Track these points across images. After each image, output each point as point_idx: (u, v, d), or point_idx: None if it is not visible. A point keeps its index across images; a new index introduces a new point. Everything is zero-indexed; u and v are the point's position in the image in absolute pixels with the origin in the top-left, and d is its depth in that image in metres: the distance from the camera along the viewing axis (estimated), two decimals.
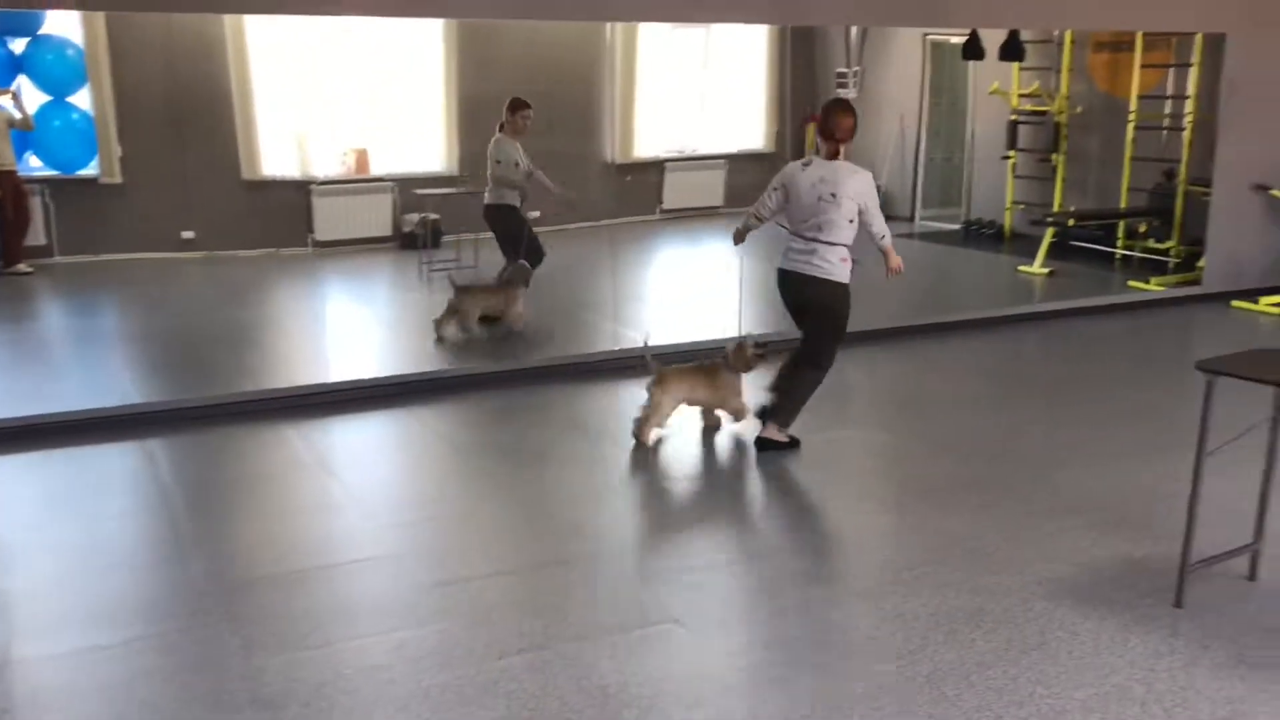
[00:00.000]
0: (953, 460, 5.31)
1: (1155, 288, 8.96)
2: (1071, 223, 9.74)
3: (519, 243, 7.69)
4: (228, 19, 9.82)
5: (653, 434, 5.41)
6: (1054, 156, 10.65)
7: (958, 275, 10.41)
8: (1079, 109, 10.58)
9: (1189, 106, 9.49)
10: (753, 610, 3.93)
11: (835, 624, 3.74)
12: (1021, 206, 11.03)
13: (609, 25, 10.69)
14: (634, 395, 5.69)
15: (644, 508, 4.92)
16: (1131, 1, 8.19)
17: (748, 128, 12.98)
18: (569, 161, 10.08)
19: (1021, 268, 9.77)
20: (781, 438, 5.36)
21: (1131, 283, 9.11)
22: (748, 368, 5.50)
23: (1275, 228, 9.03)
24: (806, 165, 5.12)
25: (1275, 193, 8.78)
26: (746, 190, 9.82)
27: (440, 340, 7.30)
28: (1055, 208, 10.53)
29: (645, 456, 5.34)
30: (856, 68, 12.39)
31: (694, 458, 5.44)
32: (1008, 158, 10.92)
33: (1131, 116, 9.83)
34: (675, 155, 12.46)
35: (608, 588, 4.01)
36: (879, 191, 5.42)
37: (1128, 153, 9.90)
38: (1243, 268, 8.92)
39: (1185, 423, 4.10)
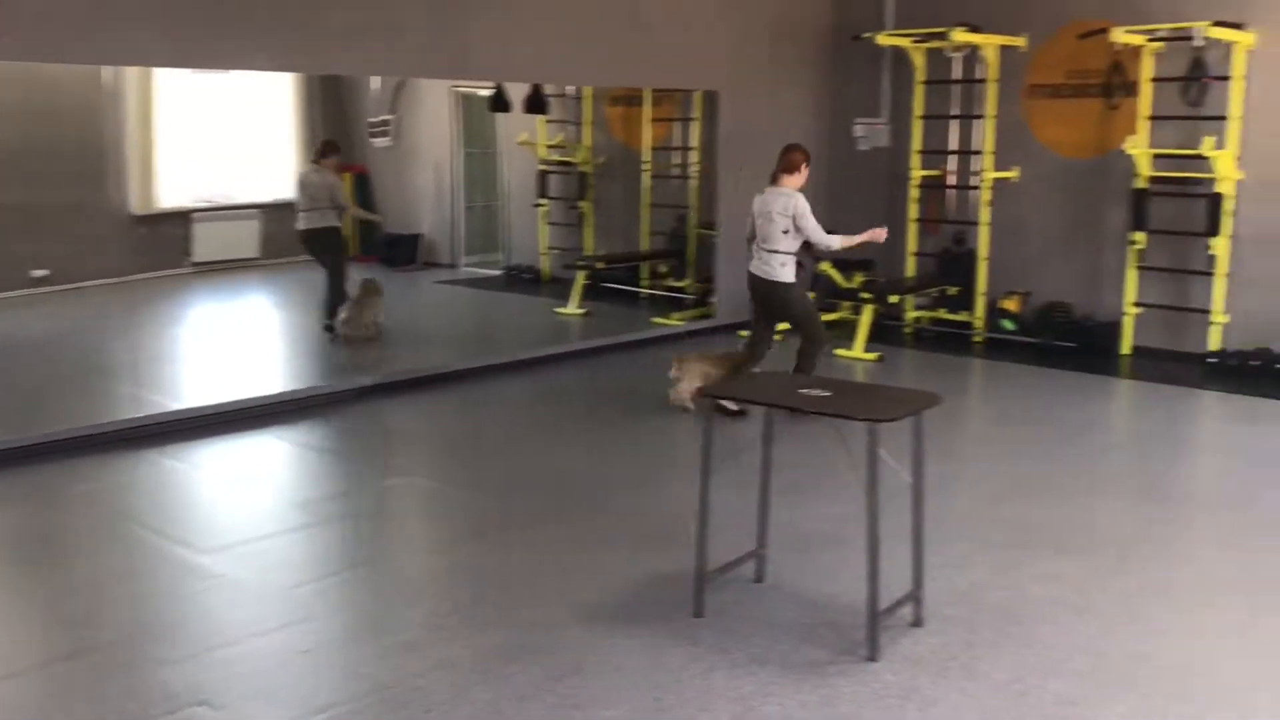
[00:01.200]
0: (499, 498, 5.42)
1: (676, 322, 9.72)
2: (601, 266, 10.36)
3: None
4: None
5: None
6: (582, 204, 11.27)
7: (501, 319, 10.72)
8: (602, 159, 11.28)
9: (695, 157, 10.44)
10: (296, 680, 3.75)
11: (382, 682, 3.64)
12: (556, 251, 11.55)
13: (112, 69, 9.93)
14: (173, 464, 5.27)
15: (172, 585, 4.55)
16: (636, 61, 8.89)
17: (282, 176, 12.57)
18: (76, 212, 9.23)
19: (559, 309, 10.22)
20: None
21: (655, 319, 9.82)
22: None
23: None
24: (761, 194, 6.71)
25: None
26: (286, 240, 9.53)
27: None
28: (586, 252, 11.13)
29: (175, 532, 4.97)
30: (389, 116, 12.42)
31: (212, 528, 5.14)
32: (539, 205, 11.41)
33: (646, 166, 10.64)
34: (204, 205, 11.78)
35: (122, 676, 3.66)
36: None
37: (645, 200, 10.70)
38: (745, 300, 9.88)
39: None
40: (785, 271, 6.62)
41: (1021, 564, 4.60)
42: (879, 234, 6.86)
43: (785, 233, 6.55)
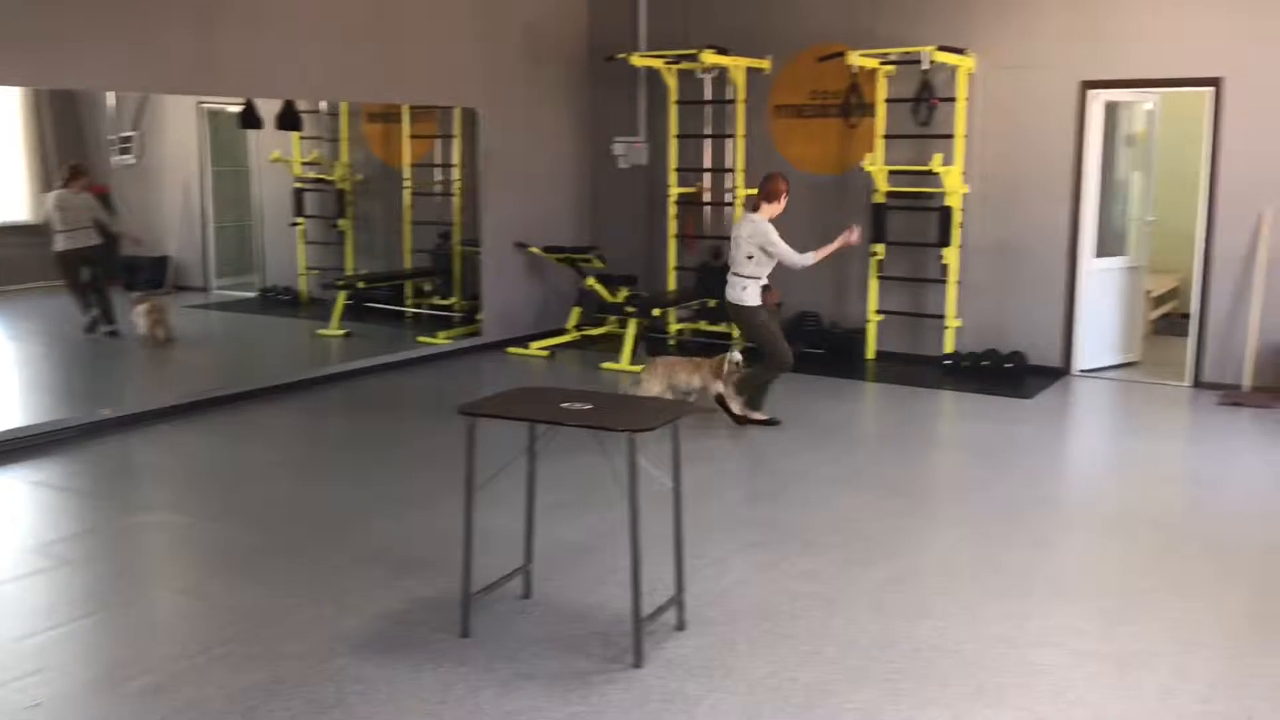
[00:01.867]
0: (256, 529, 5.21)
1: (443, 341, 9.62)
2: (362, 285, 10.13)
3: None
4: None
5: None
6: (341, 222, 10.98)
7: (258, 342, 10.29)
8: (360, 176, 11.04)
9: (456, 174, 10.38)
10: None
11: None
12: (315, 271, 11.21)
13: None
14: None
15: None
16: (392, 77, 8.77)
17: (8, 198, 11.69)
18: None
19: (319, 331, 9.94)
20: (757, 416, 7.13)
21: (421, 338, 9.69)
22: (717, 375, 7.08)
23: (537, 281, 10.20)
24: (739, 222, 7.12)
25: (533, 250, 9.92)
26: (17, 264, 8.92)
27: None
28: (346, 271, 10.86)
29: None
30: (132, 132, 11.76)
31: None
32: (296, 224, 11.06)
33: (407, 183, 10.49)
34: None
35: None
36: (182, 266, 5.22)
37: (407, 217, 10.55)
38: (514, 318, 9.96)
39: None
40: (748, 295, 6.96)
41: (777, 563, 4.80)
42: (851, 237, 7.06)
43: (750, 258, 6.89)
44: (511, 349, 9.57)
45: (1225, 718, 3.51)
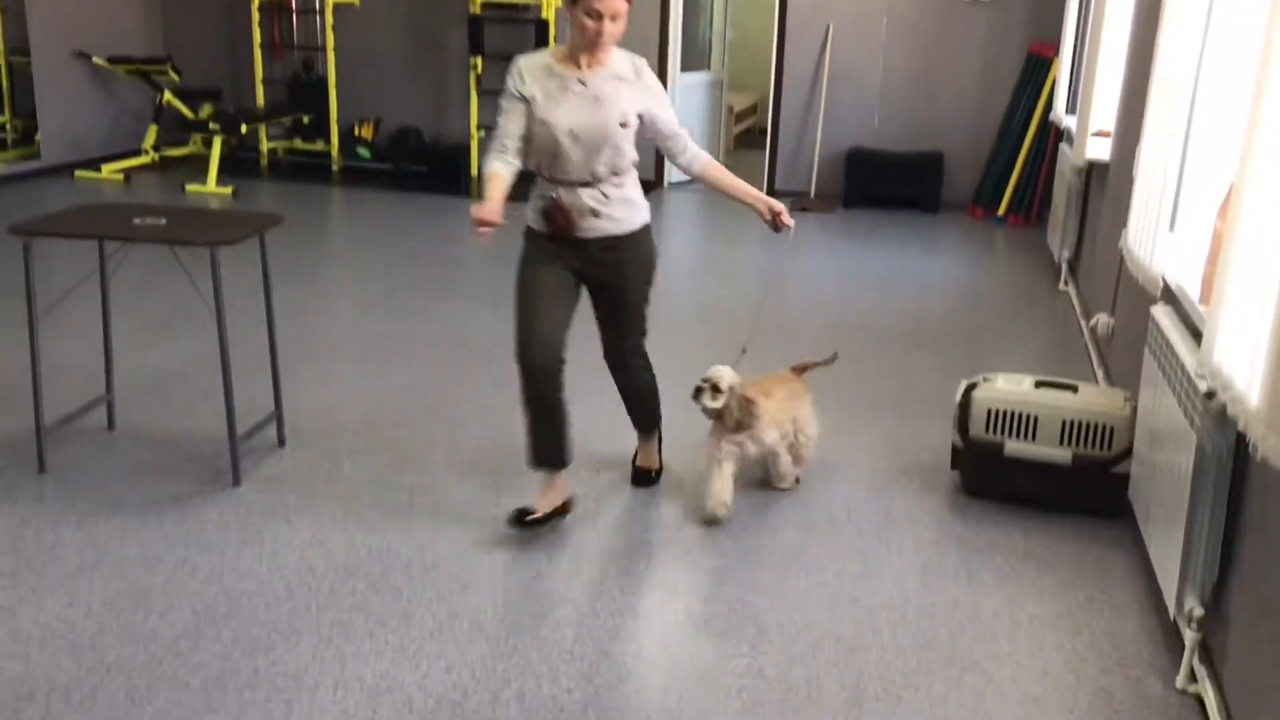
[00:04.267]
0: None
1: None
2: None
3: None
4: None
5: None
6: None
7: None
8: None
9: None
10: None
11: None
12: None
13: None
14: None
15: None
16: None
17: None
18: None
19: None
20: None
21: None
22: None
23: (104, 95, 9.21)
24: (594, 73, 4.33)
25: (97, 60, 8.91)
26: None
27: None
28: None
29: None
30: None
31: None
32: None
33: None
34: None
35: None
36: None
37: None
38: (82, 137, 8.98)
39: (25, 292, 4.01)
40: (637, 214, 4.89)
41: (380, 375, 4.81)
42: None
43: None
44: (81, 172, 8.67)
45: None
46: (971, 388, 3.77)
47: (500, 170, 3.25)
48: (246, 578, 3.17)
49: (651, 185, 8.95)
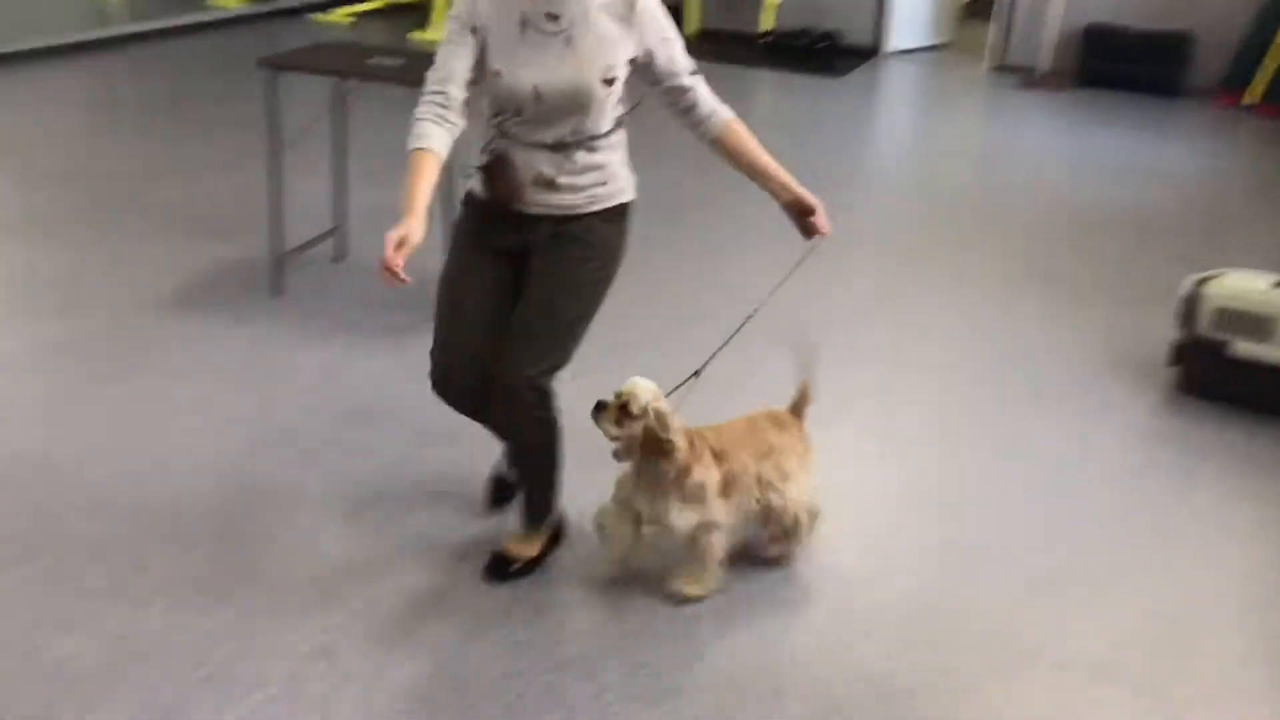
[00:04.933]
0: (49, 195, 4.95)
1: (234, 4, 8.94)
2: None
3: None
4: None
5: None
6: None
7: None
8: None
9: None
10: None
11: None
12: None
13: None
14: None
15: None
16: None
17: None
18: None
19: None
20: None
21: (212, 0, 8.98)
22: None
23: None
24: None
25: None
26: None
27: None
28: None
29: None
30: None
31: None
32: None
33: None
34: None
35: None
36: None
37: None
38: None
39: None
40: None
41: None
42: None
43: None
44: (315, 15, 8.98)
45: (985, 355, 3.88)
46: (1201, 283, 3.56)
47: (433, 145, 2.31)
48: None
49: (868, 53, 8.65)
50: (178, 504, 2.79)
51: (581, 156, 2.38)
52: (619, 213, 2.48)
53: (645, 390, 2.37)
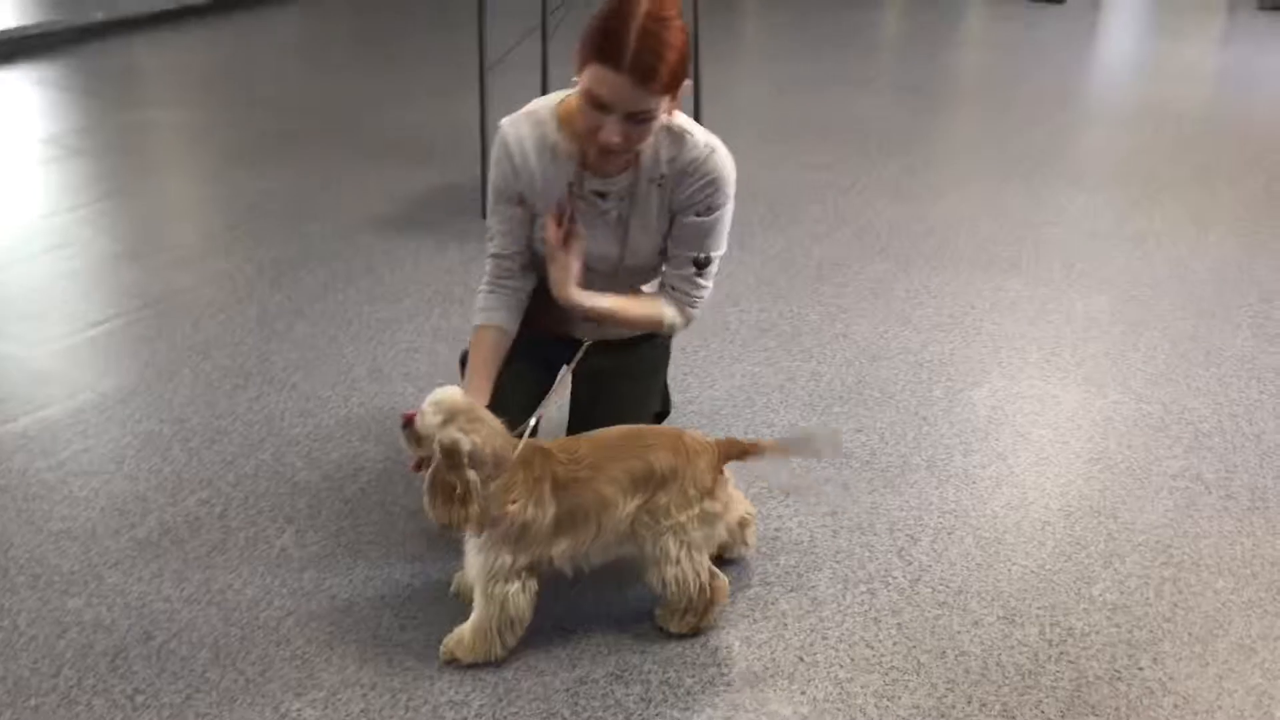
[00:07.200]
0: (274, 122, 5.18)
1: None
2: None
3: None
4: None
5: None
6: None
7: None
8: None
9: None
10: (64, 301, 3.59)
11: (155, 296, 3.51)
12: None
13: None
14: None
15: None
16: None
17: None
18: None
19: None
20: None
21: None
22: None
23: None
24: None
25: None
26: None
27: None
28: None
29: None
30: None
31: None
32: None
33: None
34: None
35: None
36: None
37: None
38: None
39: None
40: None
41: (791, 154, 4.77)
42: None
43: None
44: None
45: (1234, 287, 3.58)
46: None
47: (492, 318, 2.18)
48: None
49: None
50: (392, 411, 2.85)
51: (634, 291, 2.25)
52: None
53: (442, 405, 1.79)
